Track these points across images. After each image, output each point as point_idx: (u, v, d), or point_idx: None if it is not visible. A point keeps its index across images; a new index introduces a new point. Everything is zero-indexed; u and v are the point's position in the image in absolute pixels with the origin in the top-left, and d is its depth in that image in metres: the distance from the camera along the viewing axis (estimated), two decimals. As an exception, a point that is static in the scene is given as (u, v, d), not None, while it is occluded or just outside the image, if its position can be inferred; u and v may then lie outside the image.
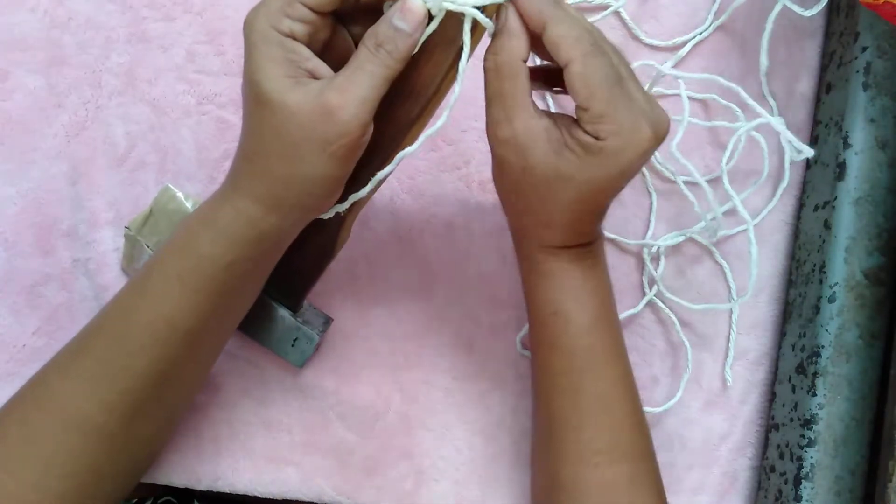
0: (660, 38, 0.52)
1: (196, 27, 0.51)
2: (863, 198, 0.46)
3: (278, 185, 0.36)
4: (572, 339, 0.39)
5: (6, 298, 0.49)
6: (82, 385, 0.38)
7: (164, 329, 0.38)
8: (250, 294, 0.41)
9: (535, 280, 0.40)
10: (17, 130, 0.50)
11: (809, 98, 0.52)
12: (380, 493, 0.49)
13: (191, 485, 0.48)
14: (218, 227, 0.37)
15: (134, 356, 0.38)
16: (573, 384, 0.40)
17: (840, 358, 0.45)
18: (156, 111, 0.51)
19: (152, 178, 0.50)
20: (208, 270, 0.37)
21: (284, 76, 0.34)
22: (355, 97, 0.34)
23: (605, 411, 0.40)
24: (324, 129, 0.34)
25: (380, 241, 0.51)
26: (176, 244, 0.38)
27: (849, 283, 0.46)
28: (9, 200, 0.49)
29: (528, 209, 0.38)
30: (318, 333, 0.48)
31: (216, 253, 0.37)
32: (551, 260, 0.39)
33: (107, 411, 0.38)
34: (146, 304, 0.38)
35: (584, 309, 0.39)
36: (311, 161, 0.34)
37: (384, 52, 0.34)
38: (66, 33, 0.51)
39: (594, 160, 0.34)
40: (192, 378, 0.43)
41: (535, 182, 0.36)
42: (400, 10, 0.34)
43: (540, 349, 0.41)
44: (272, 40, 0.34)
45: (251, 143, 0.36)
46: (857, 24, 0.48)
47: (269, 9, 0.34)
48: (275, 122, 0.34)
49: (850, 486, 0.45)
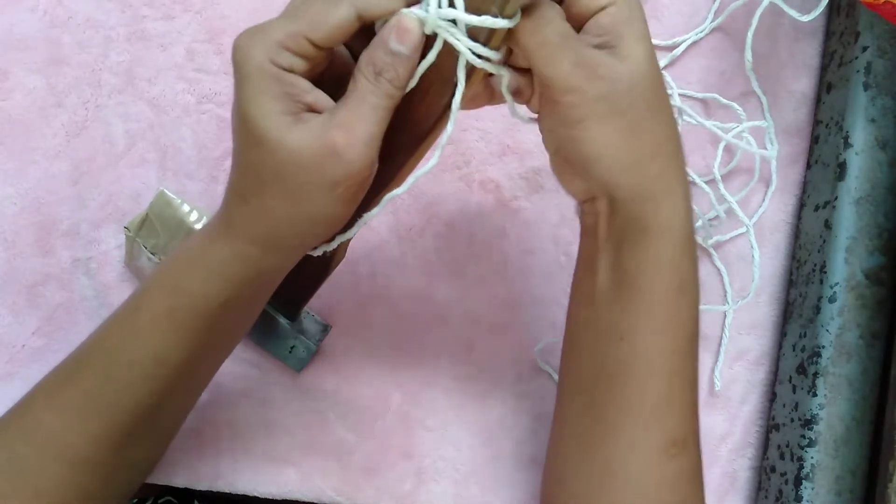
0: (661, 38, 0.52)
1: (195, 26, 0.51)
2: (863, 198, 0.46)
3: (279, 227, 0.34)
4: (689, 315, 0.36)
5: (6, 298, 0.49)
6: (69, 418, 0.37)
7: (152, 366, 0.36)
8: (244, 325, 0.40)
9: (672, 253, 0.35)
10: (16, 130, 0.50)
11: (810, 98, 0.52)
12: (379, 494, 0.49)
13: (191, 485, 0.48)
14: (211, 268, 0.35)
15: (122, 392, 0.36)
16: (674, 368, 0.36)
17: (841, 358, 0.45)
18: (155, 110, 0.51)
19: (153, 177, 0.50)
20: (200, 309, 0.35)
21: (282, 113, 0.31)
22: (362, 134, 0.31)
23: (691, 399, 0.37)
24: (331, 170, 0.31)
25: (380, 241, 0.50)
26: (165, 281, 0.36)
27: (849, 283, 0.46)
28: (8, 200, 0.49)
29: (651, 137, 0.34)
30: (315, 342, 0.48)
31: (210, 293, 0.35)
32: (689, 219, 0.36)
33: (94, 444, 0.37)
34: (134, 342, 0.36)
35: (698, 281, 0.37)
36: (317, 202, 0.32)
37: (385, 82, 0.32)
38: (66, 32, 0.51)
39: (630, 29, 0.33)
40: (183, 404, 0.41)
41: (643, 90, 0.33)
42: (395, 31, 0.31)
43: (647, 333, 0.36)
44: (269, 74, 0.31)
45: (247, 183, 0.33)
46: (858, 23, 0.48)
47: (267, 40, 0.31)
48: (274, 162, 0.31)
49: (851, 486, 0.45)
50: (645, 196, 0.35)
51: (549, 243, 0.51)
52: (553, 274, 0.51)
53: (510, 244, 0.51)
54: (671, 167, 0.35)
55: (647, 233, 0.35)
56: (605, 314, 0.37)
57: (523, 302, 0.51)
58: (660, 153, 0.34)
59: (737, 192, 0.51)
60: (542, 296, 0.51)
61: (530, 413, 0.49)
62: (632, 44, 0.33)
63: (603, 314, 0.37)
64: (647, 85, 0.33)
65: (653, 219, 0.35)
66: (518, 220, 0.51)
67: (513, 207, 0.51)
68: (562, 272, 0.51)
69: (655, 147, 0.34)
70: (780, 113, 0.52)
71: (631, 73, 0.33)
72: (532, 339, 0.50)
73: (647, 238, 0.35)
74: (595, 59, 0.32)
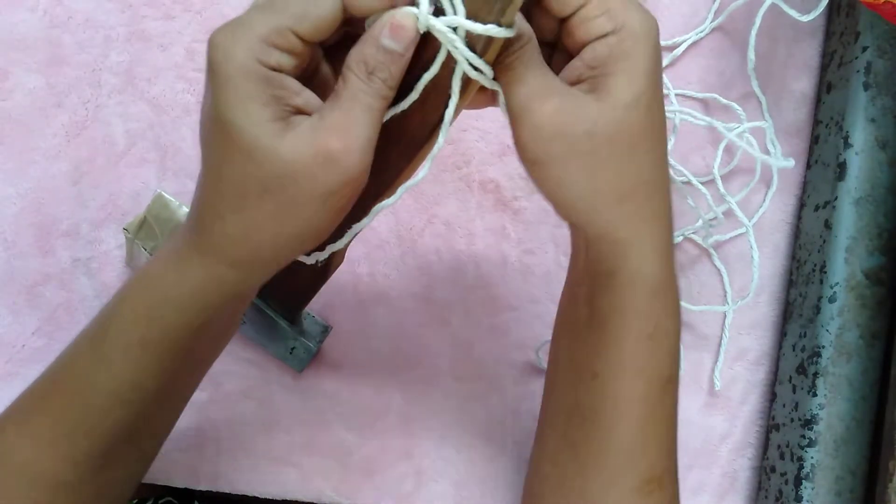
0: (661, 38, 0.52)
1: (195, 26, 0.51)
2: (863, 198, 0.46)
3: (262, 247, 0.31)
4: (662, 361, 0.34)
5: (6, 298, 0.49)
6: (43, 445, 0.34)
7: (128, 392, 0.34)
8: (224, 338, 0.38)
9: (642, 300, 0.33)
10: (16, 130, 0.50)
11: (810, 98, 0.52)
12: (379, 494, 0.49)
13: (191, 485, 0.48)
14: (185, 296, 0.32)
15: (96, 418, 0.34)
16: (647, 412, 0.35)
17: (841, 358, 0.45)
18: (155, 110, 0.51)
19: (153, 177, 0.50)
20: (176, 337, 0.33)
21: (272, 119, 0.28)
22: (359, 138, 0.29)
23: (667, 438, 0.36)
24: (325, 178, 0.29)
25: (380, 240, 0.50)
26: (136, 307, 0.33)
27: (849, 283, 0.46)
28: (8, 200, 0.49)
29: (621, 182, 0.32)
30: (316, 343, 0.48)
31: (185, 321, 0.32)
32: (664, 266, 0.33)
33: (72, 467, 0.34)
34: (106, 371, 0.33)
35: (677, 328, 0.35)
36: (306, 216, 0.30)
37: (378, 81, 0.29)
38: (66, 32, 0.51)
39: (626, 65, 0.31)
40: (164, 422, 0.39)
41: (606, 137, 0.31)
42: (389, 27, 0.29)
43: (618, 375, 0.34)
44: (256, 76, 0.28)
45: (225, 199, 0.30)
46: (858, 23, 0.48)
47: (250, 36, 0.28)
48: (262, 174, 0.28)
49: (851, 486, 0.45)
50: (610, 240, 0.33)
51: (549, 243, 0.51)
52: (553, 274, 0.51)
53: (510, 244, 0.51)
54: (643, 212, 0.33)
55: (615, 276, 0.34)
56: (581, 347, 0.36)
57: (523, 302, 0.50)
58: (629, 197, 0.32)
59: (737, 193, 0.51)
60: (541, 296, 0.51)
61: (530, 413, 0.49)
62: (620, 83, 0.30)
63: (580, 346, 0.36)
64: (623, 128, 0.31)
65: (621, 263, 0.33)
66: (518, 220, 0.51)
67: (513, 207, 0.51)
68: (562, 272, 0.50)
69: (623, 191, 0.32)
70: (780, 113, 0.52)
71: (600, 117, 0.30)
72: (532, 339, 0.50)
73: (616, 282, 0.34)
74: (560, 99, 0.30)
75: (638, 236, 0.33)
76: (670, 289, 0.34)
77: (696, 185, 0.49)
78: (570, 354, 0.37)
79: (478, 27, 0.30)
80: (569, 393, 0.37)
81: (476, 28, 0.30)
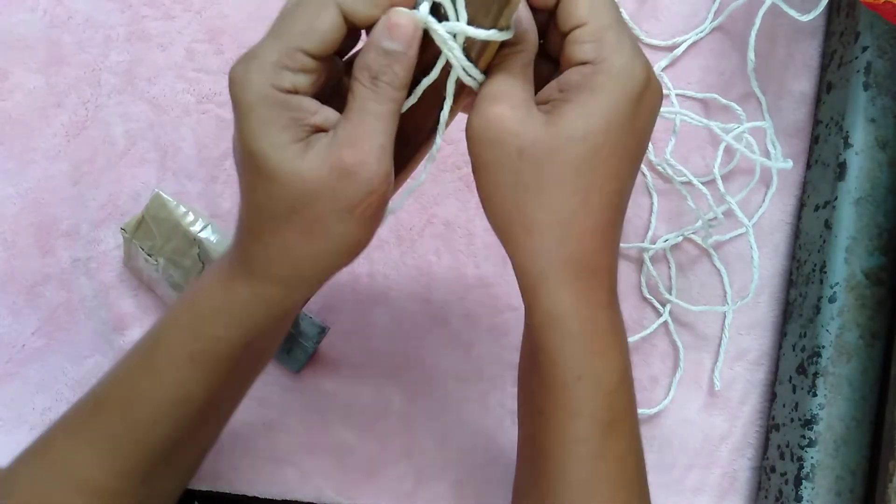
0: (660, 38, 0.52)
1: (195, 25, 0.51)
2: (863, 198, 0.46)
3: (303, 264, 0.31)
4: (599, 403, 0.33)
5: (6, 298, 0.49)
6: (92, 455, 0.35)
7: (174, 407, 0.35)
8: (267, 356, 0.39)
9: (555, 341, 0.33)
10: (16, 130, 0.50)
11: (810, 98, 0.52)
12: (380, 493, 0.49)
13: (191, 485, 0.48)
14: (233, 312, 0.33)
15: (143, 431, 0.35)
16: (593, 451, 0.34)
17: (840, 358, 0.45)
18: (155, 110, 0.51)
19: (153, 177, 0.50)
20: (224, 352, 0.34)
21: (291, 142, 0.29)
22: (372, 148, 0.29)
23: (622, 474, 0.35)
24: (345, 192, 0.29)
25: (380, 240, 0.50)
26: (184, 323, 0.34)
27: (849, 283, 0.46)
28: (8, 200, 0.49)
29: (545, 215, 0.31)
30: (313, 344, 0.48)
31: (233, 337, 0.33)
32: (579, 314, 0.32)
33: (119, 478, 0.35)
34: (155, 384, 0.35)
35: (612, 367, 0.33)
36: (338, 231, 0.30)
37: (384, 85, 0.29)
38: (66, 32, 0.51)
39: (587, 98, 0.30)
40: (207, 437, 0.40)
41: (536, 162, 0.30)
42: (387, 28, 0.29)
43: (558, 415, 0.34)
44: (273, 101, 0.29)
45: (261, 221, 0.31)
46: (858, 23, 0.48)
47: (262, 64, 0.29)
48: (289, 195, 0.29)
49: (851, 486, 0.45)
50: (521, 270, 0.33)
51: (549, 243, 0.51)
52: (553, 274, 0.51)
53: (510, 244, 0.51)
54: (553, 253, 0.31)
55: (532, 313, 0.33)
56: (529, 382, 0.36)
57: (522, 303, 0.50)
58: (539, 233, 0.31)
59: (737, 193, 0.51)
60: (541, 296, 0.51)
61: (530, 413, 0.50)
62: (573, 113, 0.30)
63: (529, 381, 0.36)
64: (556, 159, 0.30)
65: (533, 300, 0.33)
66: (518, 220, 0.51)
67: (513, 207, 0.51)
68: (562, 272, 0.51)
69: (532, 224, 0.31)
70: (779, 113, 0.52)
71: (538, 139, 0.30)
72: (532, 339, 0.50)
73: (533, 320, 0.33)
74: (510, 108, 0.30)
75: (545, 277, 0.32)
76: (597, 332, 0.33)
77: (697, 185, 0.49)
78: (525, 388, 0.37)
79: (479, 33, 0.30)
80: (526, 426, 0.37)
81: (476, 34, 0.30)
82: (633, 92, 0.30)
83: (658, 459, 0.50)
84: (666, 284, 0.51)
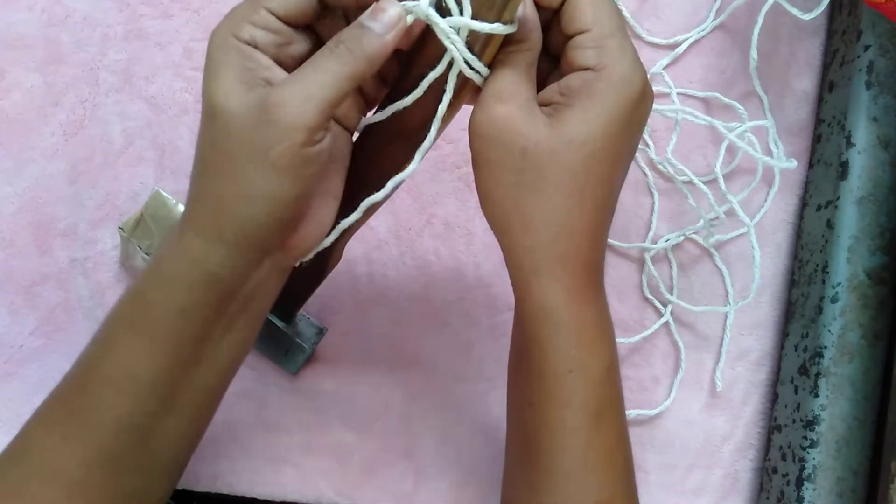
0: (661, 37, 0.52)
1: (193, 24, 0.51)
2: (865, 197, 0.46)
3: (220, 209, 0.31)
4: (588, 394, 0.35)
5: (3, 298, 0.49)
6: (58, 438, 0.35)
7: (124, 381, 0.34)
8: (229, 345, 0.36)
9: (546, 333, 0.34)
10: (14, 129, 0.50)
11: (812, 97, 0.52)
12: (379, 493, 0.49)
13: (189, 486, 0.48)
14: (161, 270, 0.33)
15: (101, 410, 0.34)
16: (583, 441, 0.35)
17: (843, 358, 0.45)
18: (153, 108, 0.50)
19: (151, 176, 0.50)
20: (159, 317, 0.33)
21: (236, 81, 0.30)
22: (299, 93, 0.29)
23: (610, 464, 0.36)
24: (262, 132, 0.29)
25: (379, 240, 0.50)
26: (128, 290, 0.34)
27: (851, 282, 0.46)
28: (6, 200, 0.49)
29: (539, 212, 0.32)
30: (310, 345, 0.48)
31: (162, 299, 0.33)
32: (568, 307, 0.33)
33: (84, 467, 0.34)
34: (102, 355, 0.34)
35: (600, 359, 0.35)
36: (252, 175, 0.30)
37: (343, 48, 0.30)
38: (64, 31, 0.50)
39: (588, 104, 0.31)
40: (180, 431, 0.37)
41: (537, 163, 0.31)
42: (372, 10, 0.31)
43: (548, 406, 0.35)
44: (229, 47, 0.30)
45: (196, 164, 0.32)
46: (860, 22, 0.48)
47: (231, 17, 0.31)
48: (215, 131, 0.30)
49: (853, 486, 0.45)
50: (515, 265, 0.34)
51: (550, 243, 0.51)
52: (553, 274, 0.51)
53: (510, 244, 0.51)
54: (548, 252, 0.33)
55: (523, 305, 0.34)
56: (519, 374, 0.37)
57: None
58: (535, 231, 0.32)
59: (738, 192, 0.50)
60: (542, 296, 0.50)
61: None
62: (574, 118, 0.31)
63: (519, 373, 0.37)
64: (555, 162, 0.31)
65: (525, 295, 0.34)
66: (518, 219, 0.51)
67: (513, 207, 0.51)
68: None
69: (530, 222, 0.32)
70: (781, 112, 0.52)
71: (541, 141, 0.31)
72: (532, 339, 0.50)
73: (524, 313, 0.34)
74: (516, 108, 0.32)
75: (539, 273, 0.33)
76: (586, 326, 0.34)
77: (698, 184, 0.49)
78: (515, 381, 0.38)
79: (483, 26, 0.30)
80: (517, 418, 0.38)
81: (480, 27, 0.30)
82: (631, 100, 0.31)
83: (659, 460, 0.50)
84: (667, 284, 0.51)
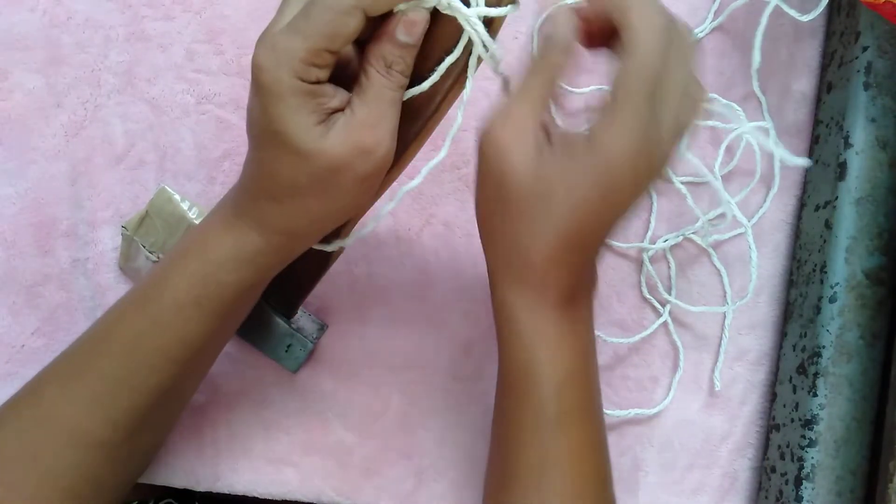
0: (660, 38, 0.52)
1: (195, 26, 0.51)
2: (864, 198, 0.46)
3: (316, 221, 0.36)
4: (542, 396, 0.37)
5: (5, 299, 0.49)
6: (85, 403, 0.37)
7: (176, 350, 0.38)
8: (254, 300, 0.42)
9: (507, 335, 0.38)
10: (16, 130, 0.50)
11: (810, 97, 0.52)
12: (379, 494, 0.49)
13: (190, 486, 0.48)
14: (245, 259, 0.37)
15: (144, 376, 0.38)
16: (539, 440, 0.37)
17: (841, 358, 0.45)
18: (155, 110, 0.51)
19: (151, 177, 0.50)
20: (229, 297, 0.37)
21: (315, 125, 0.33)
22: (387, 131, 0.34)
23: (577, 466, 0.38)
24: (362, 167, 0.34)
25: (379, 240, 0.50)
26: (190, 271, 0.37)
27: (850, 283, 0.46)
28: (7, 200, 0.49)
29: (506, 232, 0.36)
30: (312, 341, 0.48)
31: (241, 280, 0.37)
32: (525, 317, 0.37)
33: (111, 428, 0.38)
34: (160, 329, 0.37)
35: (557, 367, 0.37)
36: (351, 195, 0.35)
37: (396, 74, 0.34)
38: (65, 32, 0.51)
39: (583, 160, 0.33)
40: (193, 385, 0.43)
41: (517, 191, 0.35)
42: (403, 23, 0.33)
43: (507, 401, 0.39)
44: (301, 91, 0.32)
45: (282, 189, 0.35)
46: (858, 23, 0.48)
47: (291, 59, 0.32)
48: (314, 169, 0.34)
49: (852, 486, 0.45)
50: (488, 269, 0.38)
51: (549, 243, 0.51)
52: (553, 274, 0.51)
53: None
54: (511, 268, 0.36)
55: (492, 298, 0.38)
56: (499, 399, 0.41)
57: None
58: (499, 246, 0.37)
59: (737, 193, 0.50)
60: (541, 296, 0.50)
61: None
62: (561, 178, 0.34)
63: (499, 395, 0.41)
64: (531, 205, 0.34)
65: (492, 289, 0.38)
66: (518, 220, 0.51)
67: (512, 207, 0.51)
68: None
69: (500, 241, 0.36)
70: (780, 113, 0.52)
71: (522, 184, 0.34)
72: (532, 339, 0.50)
73: (494, 307, 0.38)
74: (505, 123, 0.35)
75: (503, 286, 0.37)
76: (539, 335, 0.37)
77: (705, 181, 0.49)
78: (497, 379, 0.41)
79: (499, 11, 0.34)
80: (494, 413, 0.42)
81: (498, 13, 0.34)
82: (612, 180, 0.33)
83: (658, 459, 0.50)
84: (665, 284, 0.51)
